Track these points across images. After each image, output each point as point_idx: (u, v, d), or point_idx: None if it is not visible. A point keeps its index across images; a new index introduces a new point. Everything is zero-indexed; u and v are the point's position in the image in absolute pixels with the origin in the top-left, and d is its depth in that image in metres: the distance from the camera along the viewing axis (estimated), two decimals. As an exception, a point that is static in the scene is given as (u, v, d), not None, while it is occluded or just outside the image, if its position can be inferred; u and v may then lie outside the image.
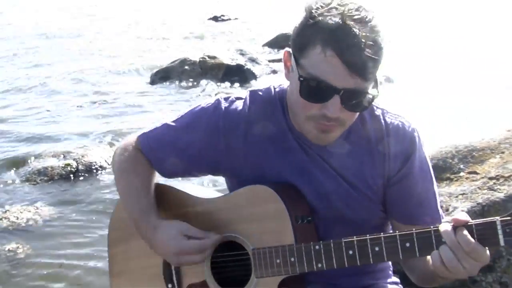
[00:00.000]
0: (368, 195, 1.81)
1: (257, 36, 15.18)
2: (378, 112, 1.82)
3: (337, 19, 1.54)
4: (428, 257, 1.57)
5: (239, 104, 1.86)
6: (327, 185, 1.79)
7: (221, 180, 2.12)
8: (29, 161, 6.08)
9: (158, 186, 1.97)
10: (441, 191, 3.26)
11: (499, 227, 1.42)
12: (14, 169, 5.94)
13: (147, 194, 1.89)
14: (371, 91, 1.63)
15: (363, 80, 1.58)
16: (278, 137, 1.82)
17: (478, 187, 3.28)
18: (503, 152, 3.45)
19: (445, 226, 1.48)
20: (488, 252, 1.47)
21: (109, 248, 2.15)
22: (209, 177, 2.35)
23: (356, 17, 1.54)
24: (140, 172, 1.91)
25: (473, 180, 3.36)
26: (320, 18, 1.56)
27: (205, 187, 2.16)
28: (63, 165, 5.81)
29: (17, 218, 4.79)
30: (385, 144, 1.79)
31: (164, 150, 1.91)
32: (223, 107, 1.87)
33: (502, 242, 1.42)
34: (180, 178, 2.12)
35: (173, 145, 1.90)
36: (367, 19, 1.55)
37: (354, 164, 1.79)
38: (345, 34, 1.53)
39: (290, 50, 1.70)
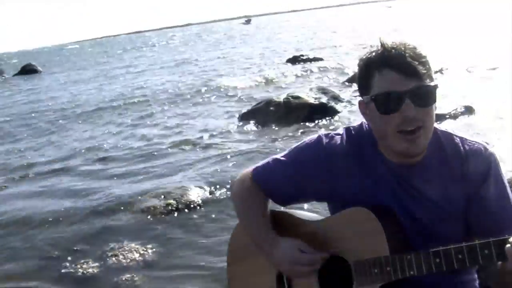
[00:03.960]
0: (450, 213, 2.07)
1: (337, 74, 15.44)
2: (457, 140, 2.11)
3: (378, 50, 1.98)
4: None
5: (337, 139, 2.20)
6: (413, 205, 2.07)
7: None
8: (133, 201, 6.59)
9: (271, 212, 2.31)
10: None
11: None
12: (121, 208, 6.46)
13: (264, 216, 2.26)
14: (430, 84, 1.96)
15: (419, 79, 1.92)
16: (370, 166, 2.13)
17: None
18: None
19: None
20: None
21: (228, 266, 2.48)
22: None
23: (391, 42, 1.97)
24: (256, 201, 2.28)
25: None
26: (367, 58, 2.01)
27: (309, 211, 2.45)
28: (164, 205, 6.26)
29: (129, 253, 5.21)
30: (464, 167, 2.06)
31: (275, 181, 2.26)
32: (324, 142, 2.20)
33: None
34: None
35: (283, 177, 2.24)
36: (403, 43, 1.96)
37: (437, 185, 2.07)
38: (388, 52, 1.95)
39: (361, 98, 2.08)
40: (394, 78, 1.92)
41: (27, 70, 37.99)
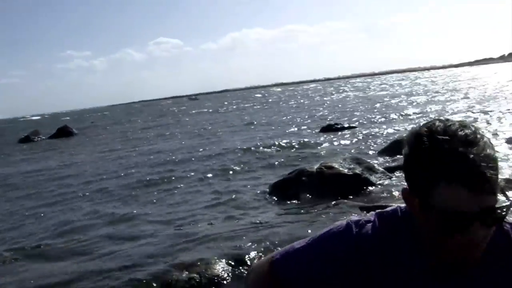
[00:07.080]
0: None
1: (372, 144, 15.22)
2: (507, 227, 1.79)
3: (451, 151, 1.54)
4: None
5: (368, 228, 1.87)
6: None
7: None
8: (155, 274, 6.26)
9: None
10: None
11: None
12: (144, 281, 6.14)
13: None
14: (503, 200, 1.61)
15: (494, 196, 1.57)
16: (406, 263, 1.81)
17: None
18: None
19: None
20: None
21: None
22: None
23: (466, 141, 1.55)
24: None
25: None
26: (433, 154, 1.57)
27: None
28: (187, 279, 5.96)
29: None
30: None
31: (295, 274, 1.95)
32: (354, 232, 1.88)
33: None
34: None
35: (304, 270, 1.93)
36: (476, 139, 1.55)
37: (489, 285, 1.76)
38: (464, 163, 1.52)
39: (407, 187, 1.69)
40: (466, 197, 1.54)
41: (63, 133, 38.39)
